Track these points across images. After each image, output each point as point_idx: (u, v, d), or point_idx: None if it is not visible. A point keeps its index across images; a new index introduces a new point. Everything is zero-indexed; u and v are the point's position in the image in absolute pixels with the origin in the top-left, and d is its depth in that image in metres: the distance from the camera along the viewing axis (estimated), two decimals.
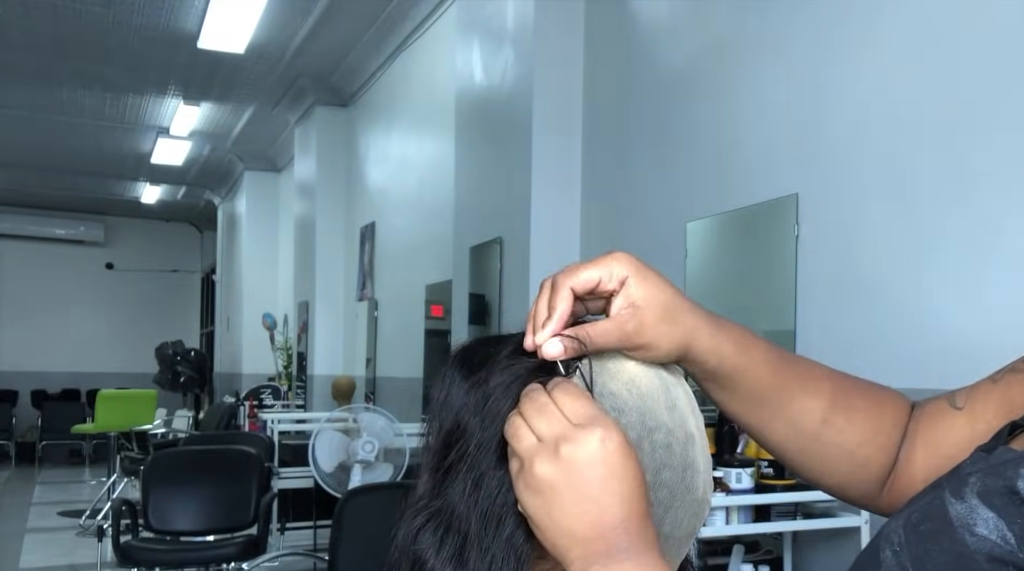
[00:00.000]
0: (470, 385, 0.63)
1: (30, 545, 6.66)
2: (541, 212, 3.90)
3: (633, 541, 0.55)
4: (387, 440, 4.47)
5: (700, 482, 0.64)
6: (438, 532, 0.60)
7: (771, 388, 0.69)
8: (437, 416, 0.64)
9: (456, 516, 0.60)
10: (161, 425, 8.48)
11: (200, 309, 14.99)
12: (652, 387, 0.63)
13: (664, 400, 0.63)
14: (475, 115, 4.53)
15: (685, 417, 0.64)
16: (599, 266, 0.64)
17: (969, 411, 0.70)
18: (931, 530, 0.53)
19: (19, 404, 12.84)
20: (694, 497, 0.63)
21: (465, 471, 0.61)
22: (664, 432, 0.62)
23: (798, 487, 2.38)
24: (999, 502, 0.49)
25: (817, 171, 2.67)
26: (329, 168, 7.91)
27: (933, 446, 0.71)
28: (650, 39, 3.57)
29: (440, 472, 0.62)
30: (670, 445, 0.62)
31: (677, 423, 0.63)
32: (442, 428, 0.64)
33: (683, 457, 0.63)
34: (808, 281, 2.68)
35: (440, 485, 0.62)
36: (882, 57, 2.47)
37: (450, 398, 0.64)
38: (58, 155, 10.63)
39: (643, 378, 0.64)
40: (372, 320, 7.02)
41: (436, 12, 5.74)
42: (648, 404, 0.62)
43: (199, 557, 4.28)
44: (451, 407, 0.64)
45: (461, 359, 0.66)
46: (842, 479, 0.73)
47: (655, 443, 0.62)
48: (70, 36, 6.77)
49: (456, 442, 0.62)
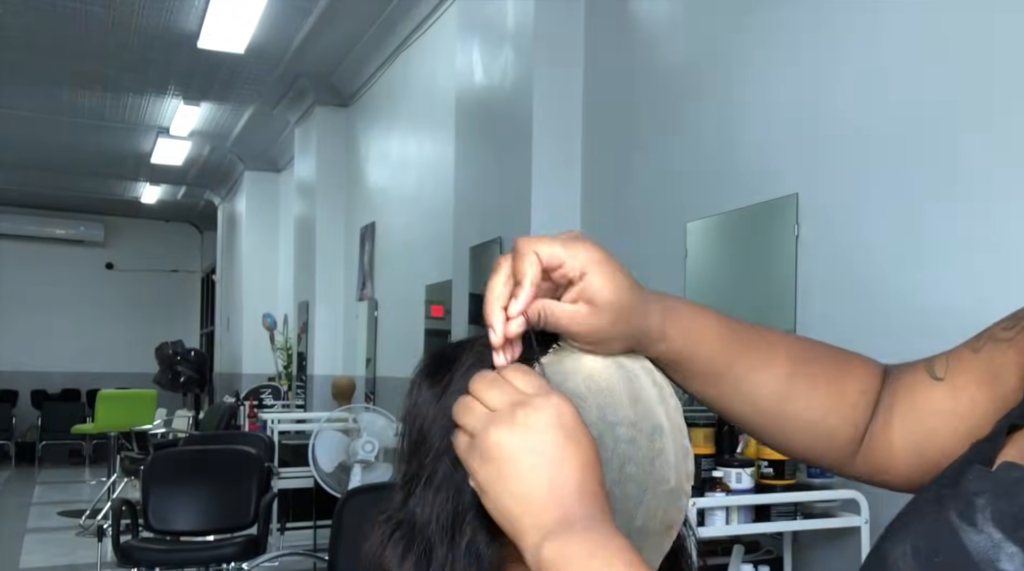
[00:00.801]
0: (433, 394, 0.63)
1: (30, 545, 6.66)
2: (541, 212, 3.90)
3: (590, 511, 0.53)
4: (387, 440, 4.47)
5: (672, 472, 0.62)
6: (401, 543, 0.60)
7: (724, 364, 0.67)
8: (406, 426, 0.64)
9: (418, 526, 0.60)
10: (161, 425, 8.48)
11: (200, 309, 14.99)
12: (612, 380, 0.62)
13: (627, 392, 0.62)
14: (475, 115, 4.53)
15: (651, 407, 0.63)
16: (565, 246, 0.61)
17: (950, 383, 0.67)
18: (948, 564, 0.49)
19: (19, 404, 12.84)
20: (667, 488, 0.62)
21: (425, 480, 0.60)
22: (627, 426, 0.61)
23: (798, 487, 2.38)
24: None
25: (817, 171, 2.67)
26: (329, 168, 7.91)
27: (912, 417, 0.69)
28: (650, 39, 3.57)
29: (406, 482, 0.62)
30: (633, 439, 0.61)
31: (641, 415, 0.62)
32: (408, 438, 0.63)
33: (649, 449, 0.61)
34: (808, 281, 2.68)
35: (406, 495, 0.62)
36: (882, 57, 2.47)
37: (417, 408, 0.64)
38: (58, 155, 10.63)
39: (602, 372, 0.63)
40: (372, 320, 7.02)
41: (436, 12, 5.74)
42: (608, 399, 0.61)
43: (199, 557, 4.28)
44: (417, 416, 0.63)
45: (428, 367, 0.65)
46: (808, 447, 0.71)
47: (617, 438, 0.61)
48: (70, 36, 6.77)
49: (419, 451, 0.62)
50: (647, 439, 0.62)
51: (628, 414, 0.61)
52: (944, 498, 0.52)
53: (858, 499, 2.31)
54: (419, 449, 0.62)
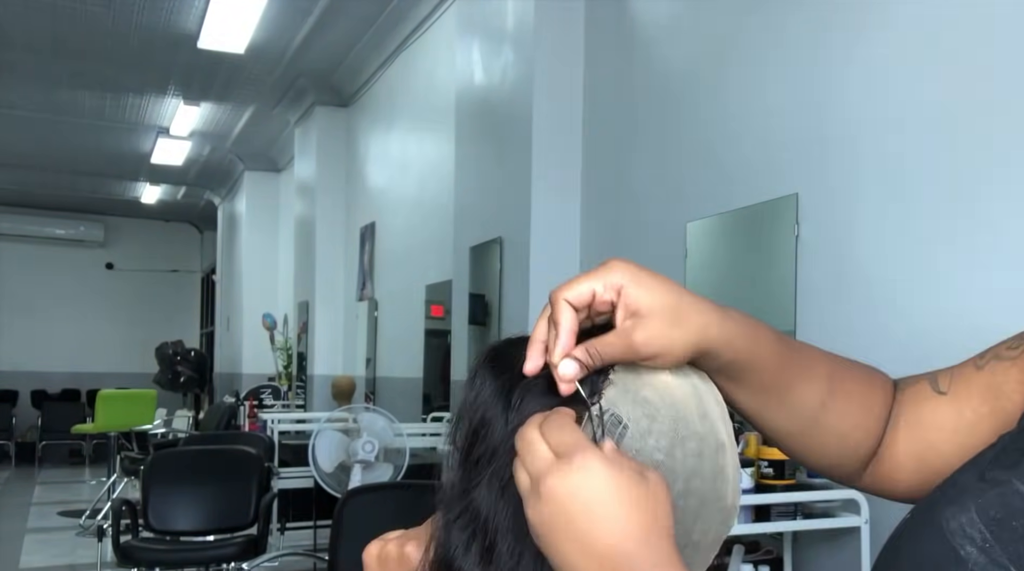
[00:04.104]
0: (499, 386, 0.64)
1: (30, 545, 6.66)
2: (541, 212, 3.90)
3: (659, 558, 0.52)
4: (387, 440, 4.46)
5: (729, 490, 0.64)
6: (466, 531, 0.61)
7: (776, 376, 0.68)
8: (467, 415, 0.64)
9: (484, 519, 0.60)
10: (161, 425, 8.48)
11: (200, 309, 14.99)
12: (685, 395, 0.63)
13: (696, 408, 0.63)
14: (475, 115, 4.53)
15: (716, 425, 0.64)
16: (593, 277, 0.60)
17: (953, 397, 0.69)
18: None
19: (19, 404, 12.83)
20: (723, 505, 0.63)
21: (491, 475, 0.61)
22: (696, 440, 0.62)
23: (798, 487, 2.38)
24: None
25: (817, 171, 2.67)
26: (329, 168, 7.91)
27: (917, 430, 0.70)
28: (650, 39, 3.57)
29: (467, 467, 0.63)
30: (701, 453, 0.62)
31: (708, 431, 0.63)
32: (471, 425, 0.64)
33: (713, 465, 0.63)
34: (808, 281, 2.68)
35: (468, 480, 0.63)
36: (882, 57, 2.47)
37: (480, 397, 0.64)
38: (58, 155, 10.63)
39: (676, 386, 0.63)
40: (372, 320, 7.02)
41: (436, 12, 5.74)
42: (681, 412, 0.62)
43: (199, 557, 4.28)
44: (480, 405, 0.64)
45: (491, 360, 0.66)
46: (833, 460, 0.73)
47: (687, 451, 0.61)
48: (70, 36, 6.77)
49: (482, 438, 0.63)
50: (712, 455, 0.62)
51: (698, 429, 0.62)
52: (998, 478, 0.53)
53: (858, 499, 2.31)
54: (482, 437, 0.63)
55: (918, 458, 0.70)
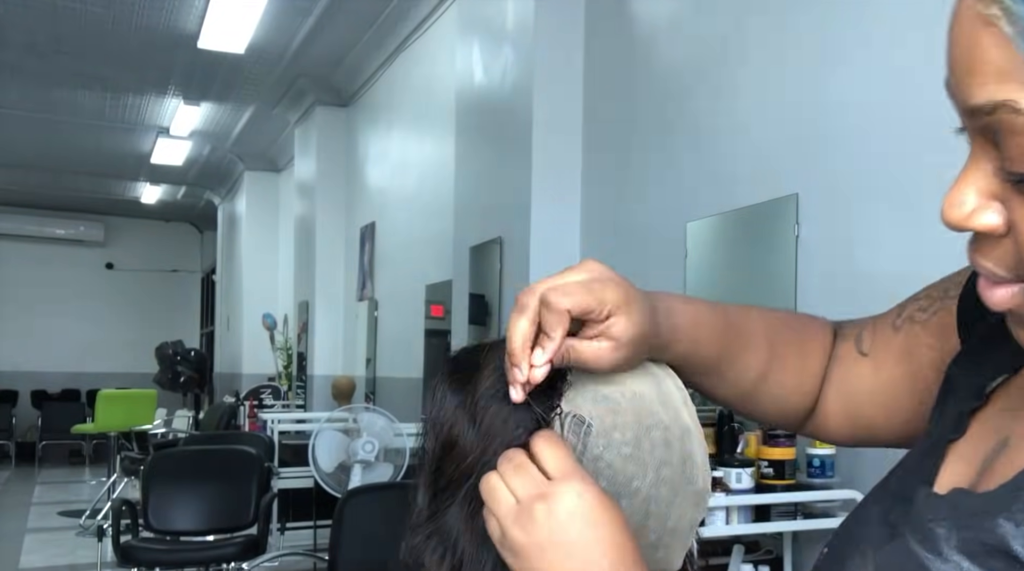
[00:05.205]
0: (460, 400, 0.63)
1: (30, 545, 6.66)
2: (541, 212, 3.90)
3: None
4: (387, 440, 4.47)
5: (699, 473, 0.65)
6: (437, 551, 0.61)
7: (718, 359, 0.71)
8: (432, 430, 0.64)
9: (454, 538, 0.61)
10: (161, 425, 8.47)
11: (200, 309, 14.99)
12: (644, 384, 0.64)
13: (658, 396, 0.64)
14: (475, 115, 4.53)
15: (679, 410, 0.65)
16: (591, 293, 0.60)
17: (873, 358, 0.73)
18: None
19: (19, 404, 12.83)
20: (694, 488, 0.64)
21: (462, 497, 0.61)
22: (661, 429, 0.63)
23: (798, 487, 2.38)
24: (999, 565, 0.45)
25: (817, 171, 2.67)
26: (329, 168, 7.91)
27: (843, 391, 0.75)
28: (650, 39, 3.57)
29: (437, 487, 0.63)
30: (668, 441, 0.63)
31: (673, 419, 0.64)
32: (437, 441, 0.64)
33: (681, 451, 0.63)
34: (808, 281, 2.68)
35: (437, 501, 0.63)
36: (882, 56, 2.47)
37: (443, 413, 0.64)
38: (58, 155, 10.63)
39: (634, 377, 0.64)
40: (372, 320, 7.02)
41: (436, 12, 5.74)
42: (643, 403, 0.63)
43: (199, 557, 4.28)
44: (444, 422, 0.64)
45: (451, 372, 0.66)
46: (774, 419, 0.79)
47: (654, 441, 0.62)
48: (70, 36, 6.77)
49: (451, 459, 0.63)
50: (679, 442, 0.64)
51: (662, 417, 0.63)
52: (897, 524, 0.54)
53: (858, 499, 2.31)
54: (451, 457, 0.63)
55: (847, 415, 0.75)
